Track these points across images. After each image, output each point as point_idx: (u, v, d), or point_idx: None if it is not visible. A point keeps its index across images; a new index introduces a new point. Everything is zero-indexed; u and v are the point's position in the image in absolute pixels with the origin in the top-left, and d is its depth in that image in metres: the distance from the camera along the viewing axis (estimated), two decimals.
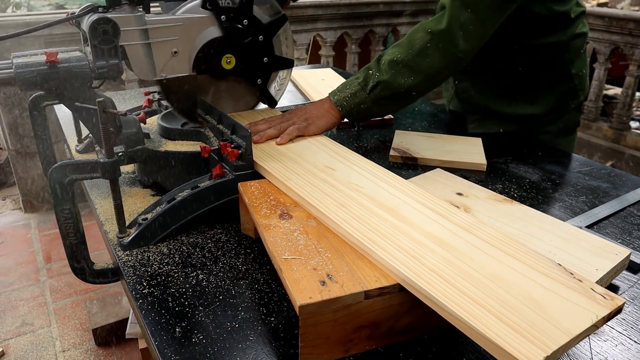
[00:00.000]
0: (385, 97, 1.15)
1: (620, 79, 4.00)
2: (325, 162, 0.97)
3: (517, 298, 0.60)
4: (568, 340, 0.54)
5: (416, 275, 0.64)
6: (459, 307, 0.59)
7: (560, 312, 0.58)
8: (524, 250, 0.70)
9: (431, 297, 0.61)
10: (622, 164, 3.87)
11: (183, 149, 1.00)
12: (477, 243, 0.72)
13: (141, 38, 0.93)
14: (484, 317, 0.57)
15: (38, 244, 2.78)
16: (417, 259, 0.68)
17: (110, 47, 0.88)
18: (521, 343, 0.54)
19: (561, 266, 0.67)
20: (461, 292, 0.61)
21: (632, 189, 1.13)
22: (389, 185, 0.89)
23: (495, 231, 0.75)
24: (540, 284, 0.63)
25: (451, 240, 0.72)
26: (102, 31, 0.86)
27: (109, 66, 0.89)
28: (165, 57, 0.97)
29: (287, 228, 0.77)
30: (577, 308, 0.59)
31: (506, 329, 0.56)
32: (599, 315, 0.58)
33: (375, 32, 3.79)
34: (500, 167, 1.23)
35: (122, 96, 1.71)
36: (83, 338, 2.13)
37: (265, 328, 0.71)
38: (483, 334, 0.55)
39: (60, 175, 0.82)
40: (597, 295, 0.61)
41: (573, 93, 1.38)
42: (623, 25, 3.67)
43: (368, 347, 0.68)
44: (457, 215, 0.79)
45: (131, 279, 0.81)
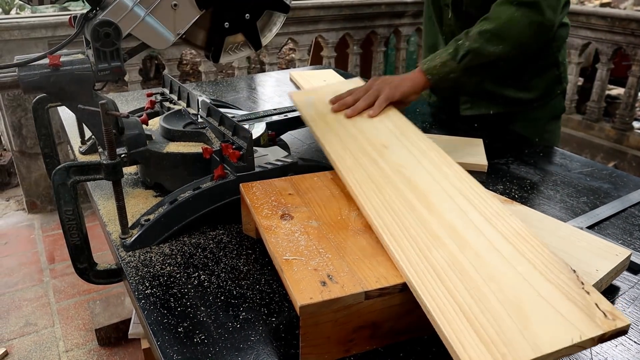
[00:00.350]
0: (475, 66, 1.18)
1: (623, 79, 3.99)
2: (382, 140, 0.99)
3: (503, 304, 0.59)
4: (534, 357, 0.52)
5: (417, 275, 0.64)
6: (438, 306, 0.59)
7: (543, 325, 0.56)
8: (539, 250, 0.68)
9: (418, 293, 0.62)
10: (625, 165, 3.86)
11: (185, 150, 1.01)
12: (491, 236, 0.71)
13: (140, 14, 0.90)
14: (457, 321, 0.57)
15: (42, 244, 2.79)
16: (423, 252, 0.68)
17: (112, 50, 0.89)
18: (479, 352, 0.53)
19: (576, 273, 0.63)
20: (448, 292, 0.61)
21: (633, 190, 1.14)
22: (432, 165, 0.90)
23: (518, 225, 0.73)
24: (538, 291, 0.61)
25: (465, 233, 0.72)
26: (104, 34, 0.86)
27: (111, 68, 0.89)
28: (169, 15, 0.93)
29: (288, 229, 0.78)
30: (565, 324, 0.56)
31: (472, 336, 0.55)
32: (585, 335, 0.54)
33: (377, 33, 3.79)
34: (501, 168, 1.23)
35: (124, 98, 1.72)
36: (86, 338, 2.14)
37: (266, 328, 0.72)
38: (446, 336, 0.55)
39: (64, 177, 0.83)
40: (598, 313, 0.57)
41: (558, 80, 1.45)
42: (625, 25, 3.66)
43: (368, 347, 0.69)
44: (486, 203, 0.78)
45: (134, 280, 0.82)
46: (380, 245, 0.73)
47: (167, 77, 1.30)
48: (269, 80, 2.02)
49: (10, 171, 3.51)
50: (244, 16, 1.02)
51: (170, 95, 1.25)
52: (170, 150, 1.00)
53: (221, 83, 1.96)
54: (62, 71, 0.87)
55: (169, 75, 1.30)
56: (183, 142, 1.04)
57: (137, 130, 0.96)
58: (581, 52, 4.03)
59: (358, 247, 0.73)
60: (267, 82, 2.00)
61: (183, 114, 1.14)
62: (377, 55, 3.90)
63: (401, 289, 0.66)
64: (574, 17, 3.84)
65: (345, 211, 0.83)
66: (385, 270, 0.68)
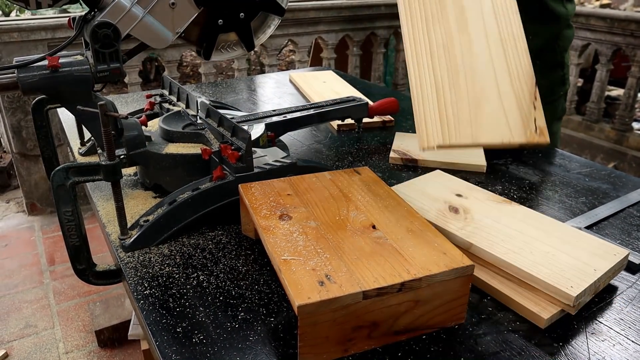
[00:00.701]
0: None
1: (623, 80, 4.00)
2: None
3: (468, 94, 0.68)
4: (470, 143, 0.65)
5: (414, 47, 0.70)
6: (418, 77, 0.67)
7: (489, 122, 0.66)
8: (521, 56, 0.77)
9: (408, 61, 0.69)
10: (625, 165, 3.86)
11: (184, 151, 1.01)
12: (489, 30, 0.76)
13: (139, 14, 0.91)
14: (428, 95, 0.68)
15: (42, 246, 2.79)
16: (427, 22, 0.73)
17: (112, 51, 0.89)
18: (435, 128, 0.67)
19: (536, 88, 0.74)
20: (432, 68, 0.69)
21: (632, 190, 1.14)
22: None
23: (517, 26, 0.80)
24: (500, 93, 0.71)
25: (470, 18, 0.76)
26: (103, 35, 0.87)
27: (111, 70, 0.90)
28: (168, 14, 0.94)
29: (287, 229, 0.78)
30: (505, 127, 0.67)
31: (435, 113, 0.68)
32: (514, 140, 0.65)
33: (377, 35, 3.80)
34: (500, 169, 1.23)
35: (124, 99, 1.72)
36: (86, 340, 2.14)
37: (265, 328, 0.72)
38: (415, 108, 0.69)
39: (63, 178, 0.83)
40: (532, 126, 0.68)
41: (562, 81, 1.46)
42: (625, 26, 3.67)
43: (367, 347, 0.69)
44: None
45: (133, 280, 0.82)
46: (379, 246, 0.74)
47: (167, 79, 1.30)
48: (268, 82, 2.02)
49: (10, 173, 3.52)
50: (239, 15, 1.02)
51: (169, 97, 1.25)
52: (169, 151, 1.00)
53: (221, 84, 1.97)
54: (61, 72, 0.87)
55: (168, 77, 1.30)
56: (182, 143, 1.04)
57: (136, 131, 0.96)
58: (581, 53, 4.04)
59: (356, 247, 0.73)
60: (267, 84, 2.00)
61: (182, 115, 1.14)
62: (377, 57, 3.90)
63: (399, 288, 0.66)
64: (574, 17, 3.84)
65: (343, 211, 0.83)
66: (383, 270, 0.68)
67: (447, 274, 0.69)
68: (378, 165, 1.24)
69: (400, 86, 4.21)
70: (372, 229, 0.78)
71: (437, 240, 0.75)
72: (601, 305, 0.78)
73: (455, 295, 0.71)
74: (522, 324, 0.74)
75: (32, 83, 0.85)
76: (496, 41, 0.74)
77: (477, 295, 0.80)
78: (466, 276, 0.71)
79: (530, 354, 0.69)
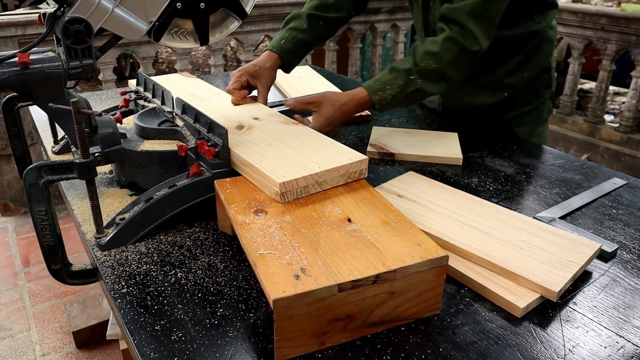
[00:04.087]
0: (418, 98, 1.29)
1: (594, 74, 4.07)
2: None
3: None
4: None
5: None
6: None
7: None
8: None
9: None
10: (597, 157, 3.95)
11: (160, 148, 1.00)
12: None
13: (110, 5, 0.89)
14: None
15: (16, 247, 2.74)
16: None
17: (84, 47, 0.87)
18: None
19: None
20: None
21: (604, 180, 1.16)
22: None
23: None
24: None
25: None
26: (74, 31, 0.85)
27: (83, 66, 0.88)
28: (139, 3, 0.92)
29: (263, 224, 0.78)
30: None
31: None
32: None
33: (353, 30, 3.80)
34: (476, 161, 1.25)
35: (98, 96, 1.69)
36: (63, 341, 2.11)
37: (244, 324, 0.72)
38: None
39: (35, 177, 0.82)
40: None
41: (548, 84, 1.46)
42: (596, 20, 3.74)
43: (343, 340, 0.69)
44: None
45: (109, 279, 0.81)
46: (354, 239, 0.74)
47: (142, 75, 1.28)
48: None
49: None
50: (199, 4, 0.99)
51: (144, 94, 1.24)
52: (145, 148, 0.99)
53: None
54: (32, 69, 0.85)
55: (143, 73, 1.29)
56: (158, 140, 1.03)
57: (111, 128, 0.95)
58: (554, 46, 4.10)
59: (332, 240, 0.74)
60: None
61: (158, 111, 1.13)
62: (353, 52, 3.91)
63: (374, 280, 0.67)
64: None
65: (319, 206, 0.84)
66: (358, 263, 0.68)
67: (422, 265, 0.70)
68: None
69: None
70: (347, 222, 0.79)
71: (411, 232, 0.76)
72: (575, 293, 0.80)
73: (430, 286, 0.72)
74: (498, 314, 0.75)
75: (2, 80, 0.83)
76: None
77: (454, 286, 0.81)
78: (441, 267, 0.71)
79: (507, 342, 0.70)
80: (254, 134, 1.04)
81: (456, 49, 1.20)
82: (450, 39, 1.20)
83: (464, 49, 1.19)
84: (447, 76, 1.23)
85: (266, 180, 0.86)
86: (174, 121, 1.08)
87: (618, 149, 3.83)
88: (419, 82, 1.22)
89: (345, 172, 0.90)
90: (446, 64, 1.20)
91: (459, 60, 1.21)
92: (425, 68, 1.21)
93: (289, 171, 0.87)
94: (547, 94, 1.47)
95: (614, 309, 0.77)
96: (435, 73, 1.21)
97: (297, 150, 0.96)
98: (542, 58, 1.41)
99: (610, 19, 3.66)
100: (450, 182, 1.12)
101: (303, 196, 0.86)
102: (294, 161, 0.91)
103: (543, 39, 1.39)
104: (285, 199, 0.84)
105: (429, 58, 1.21)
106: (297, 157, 0.93)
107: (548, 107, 1.51)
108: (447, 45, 1.20)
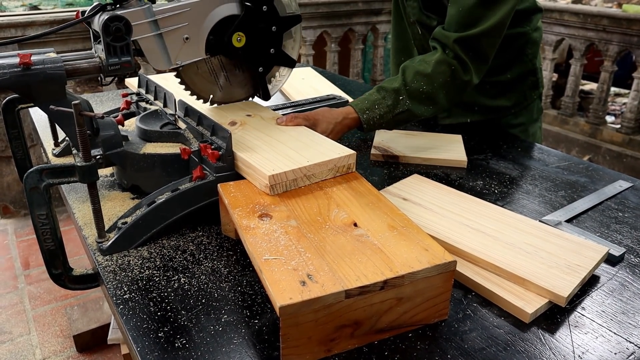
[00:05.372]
0: (405, 120, 1.23)
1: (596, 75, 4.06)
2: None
3: None
4: None
5: None
6: None
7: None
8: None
9: None
10: (599, 158, 3.93)
11: (162, 151, 0.99)
12: None
13: (152, 30, 0.94)
14: None
15: (16, 250, 2.73)
16: None
17: (123, 45, 0.90)
18: None
19: None
20: None
21: (609, 183, 1.15)
22: None
23: None
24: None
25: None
26: (114, 29, 0.88)
27: (122, 63, 0.91)
28: (178, 44, 0.99)
29: (267, 228, 0.77)
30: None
31: None
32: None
33: (354, 31, 3.79)
34: (480, 164, 1.24)
35: (99, 98, 1.69)
36: (64, 345, 2.10)
37: (249, 331, 0.71)
38: None
39: (36, 180, 0.81)
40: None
41: (535, 85, 1.45)
42: (597, 21, 3.73)
43: (350, 346, 0.68)
44: None
45: (111, 284, 0.80)
46: (360, 244, 0.73)
47: (143, 77, 1.27)
48: None
49: None
50: (258, 70, 1.14)
51: (146, 96, 1.23)
52: (147, 151, 0.98)
53: None
54: (33, 70, 0.84)
55: (144, 75, 1.28)
56: (160, 143, 1.02)
57: (113, 130, 0.94)
58: (555, 48, 4.09)
59: (338, 245, 0.73)
60: None
61: (160, 114, 1.12)
62: (355, 53, 3.90)
63: (382, 286, 0.66)
64: (548, 13, 3.89)
65: (324, 210, 0.82)
66: (365, 268, 0.67)
67: (430, 271, 0.69)
68: (359, 162, 1.23)
69: (379, 82, 4.21)
70: (353, 227, 0.78)
71: (419, 236, 0.75)
72: (583, 298, 0.79)
73: (438, 292, 0.71)
74: (506, 319, 0.74)
75: (2, 81, 0.82)
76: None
77: (461, 291, 0.80)
78: (448, 272, 0.70)
79: (515, 348, 0.69)
80: (246, 130, 1.06)
81: (448, 73, 1.18)
82: (444, 62, 1.17)
83: (456, 75, 1.17)
84: (436, 100, 1.20)
85: (256, 173, 0.89)
86: (176, 124, 1.07)
87: (620, 150, 3.81)
88: (408, 102, 1.19)
89: (333, 166, 0.93)
90: (437, 86, 1.18)
91: (450, 85, 1.19)
92: (416, 89, 1.18)
93: (278, 164, 0.89)
94: (535, 95, 1.46)
95: (623, 314, 0.76)
96: (425, 95, 1.19)
97: (288, 145, 0.98)
98: (527, 60, 1.40)
99: (612, 20, 3.65)
100: (455, 185, 1.11)
101: (292, 189, 0.89)
102: (283, 155, 0.93)
103: (527, 42, 1.38)
104: (275, 191, 0.87)
105: (420, 79, 1.18)
106: (287, 152, 0.95)
107: (538, 107, 1.50)
108: (439, 68, 1.18)
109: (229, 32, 1.03)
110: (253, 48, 1.08)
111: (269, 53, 1.12)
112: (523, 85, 1.43)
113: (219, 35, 1.03)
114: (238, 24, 1.04)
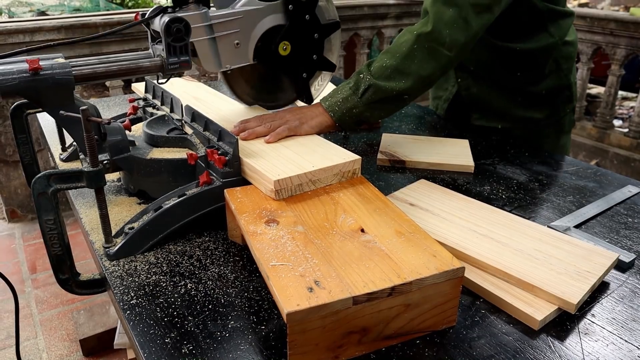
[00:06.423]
0: (377, 100, 1.13)
1: (603, 79, 4.05)
2: None
3: None
4: None
5: None
6: None
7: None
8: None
9: None
10: (607, 162, 3.91)
11: (169, 156, 0.99)
12: None
13: (207, 33, 0.99)
14: None
15: (23, 254, 2.74)
16: None
17: (182, 45, 0.94)
18: None
19: None
20: None
21: (617, 188, 1.14)
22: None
23: None
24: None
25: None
26: (175, 30, 0.91)
27: (180, 62, 0.95)
28: (229, 49, 1.04)
29: (274, 234, 0.76)
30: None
31: None
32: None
33: (360, 35, 3.80)
34: (487, 169, 1.23)
35: (106, 103, 1.69)
36: (70, 349, 2.10)
37: (255, 337, 0.70)
38: None
39: (44, 185, 0.81)
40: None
41: (569, 99, 1.45)
42: (604, 25, 3.71)
43: (358, 353, 0.68)
44: None
45: (118, 290, 0.80)
46: (368, 250, 0.73)
47: (150, 82, 1.28)
48: None
49: None
50: (302, 75, 1.19)
51: (153, 101, 1.23)
52: (154, 156, 0.98)
53: None
54: (42, 75, 0.85)
55: (151, 80, 1.28)
56: (167, 148, 1.02)
57: (120, 136, 0.94)
58: None
59: (345, 251, 0.72)
60: None
61: (167, 119, 1.12)
62: (360, 57, 3.90)
63: (389, 293, 0.65)
64: None
65: (331, 215, 0.82)
66: (373, 275, 0.67)
67: (438, 277, 0.68)
68: (365, 167, 1.23)
69: None
70: (361, 233, 0.77)
71: (426, 242, 0.74)
72: (593, 305, 0.78)
73: (446, 298, 0.71)
74: (515, 326, 0.73)
75: (11, 86, 0.83)
76: None
77: (469, 297, 0.79)
78: (457, 278, 0.70)
79: (525, 356, 0.68)
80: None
81: (412, 40, 1.11)
82: (407, 32, 1.14)
83: (420, 37, 1.10)
84: (407, 71, 1.11)
85: (262, 178, 0.89)
86: (183, 129, 1.07)
87: (628, 155, 3.79)
88: (369, 78, 1.12)
89: (338, 171, 0.93)
90: (402, 57, 1.11)
91: (417, 50, 1.10)
92: (379, 66, 1.12)
93: (283, 169, 0.89)
94: (568, 109, 1.46)
95: (634, 321, 0.75)
96: (390, 69, 1.12)
97: (293, 150, 0.99)
98: (562, 76, 1.39)
99: (620, 24, 3.63)
100: (462, 190, 1.11)
101: (297, 193, 0.89)
102: (289, 160, 0.94)
103: (561, 56, 1.37)
104: (280, 196, 0.87)
105: (382, 56, 1.14)
106: (292, 157, 0.96)
107: (570, 119, 1.49)
108: (402, 39, 1.13)
109: (276, 41, 1.09)
110: (297, 55, 1.14)
111: (311, 59, 1.17)
112: (557, 98, 1.42)
113: (266, 42, 1.09)
114: (284, 34, 1.09)
